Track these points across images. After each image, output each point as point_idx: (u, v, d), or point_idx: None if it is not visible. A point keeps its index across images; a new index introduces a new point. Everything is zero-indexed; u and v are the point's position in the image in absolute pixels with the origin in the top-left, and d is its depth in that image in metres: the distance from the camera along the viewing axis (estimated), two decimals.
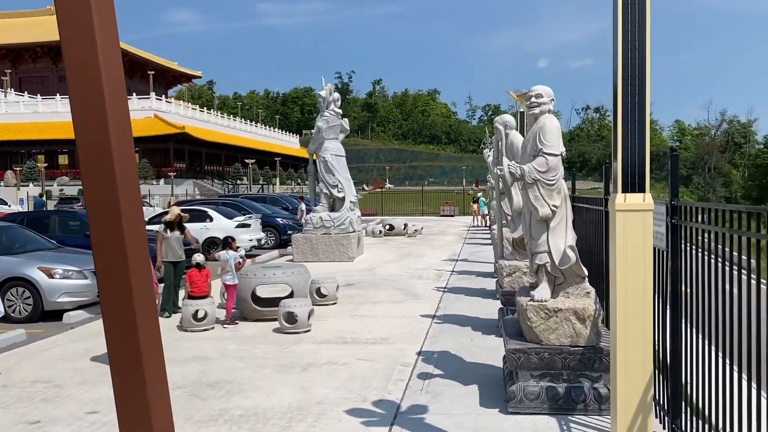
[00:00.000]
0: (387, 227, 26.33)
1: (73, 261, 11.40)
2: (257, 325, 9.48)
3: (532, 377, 5.56)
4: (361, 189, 79.54)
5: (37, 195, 44.29)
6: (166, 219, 10.75)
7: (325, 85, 18.39)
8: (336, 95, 18.65)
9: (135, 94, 69.78)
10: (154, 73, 76.24)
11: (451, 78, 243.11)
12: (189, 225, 18.69)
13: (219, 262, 9.97)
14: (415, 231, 26.10)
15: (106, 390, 6.44)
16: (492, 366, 7.05)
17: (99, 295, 1.48)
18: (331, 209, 18.21)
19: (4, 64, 73.61)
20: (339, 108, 18.70)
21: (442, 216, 42.76)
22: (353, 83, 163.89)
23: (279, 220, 23.12)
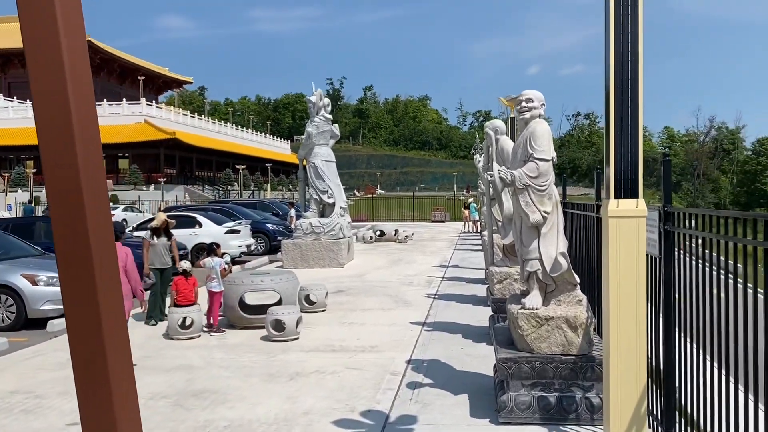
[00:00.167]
0: (378, 233, 26.24)
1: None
2: (245, 333, 9.33)
3: (523, 387, 5.46)
4: (352, 195, 79.49)
5: (25, 201, 43.88)
6: (153, 225, 10.60)
7: (315, 91, 18.29)
8: (326, 101, 18.55)
9: (125, 100, 69.47)
10: (144, 78, 75.90)
11: (442, 84, 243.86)
12: (178, 231, 18.59)
13: (204, 270, 9.82)
14: (406, 237, 26.03)
15: None
16: (482, 375, 6.94)
17: (64, 312, 1.37)
18: (321, 215, 18.10)
19: None
20: (329, 113, 18.61)
21: (433, 222, 42.70)
22: (344, 89, 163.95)
23: (269, 226, 22.96)
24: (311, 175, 18.07)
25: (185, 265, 9.56)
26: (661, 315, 4.48)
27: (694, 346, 3.99)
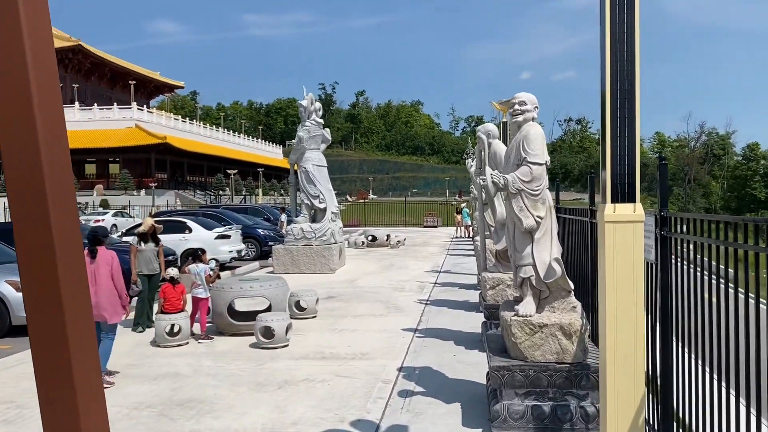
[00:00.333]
0: (370, 238, 26.11)
1: None
2: (233, 340, 9.16)
3: (516, 396, 5.33)
4: (344, 200, 79.36)
5: None
6: (140, 231, 10.42)
7: (307, 95, 18.17)
8: (317, 105, 18.44)
9: (116, 104, 69.13)
10: (135, 83, 75.62)
11: (434, 89, 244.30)
12: (167, 236, 18.38)
13: (189, 276, 9.66)
14: (398, 242, 25.91)
15: None
16: (475, 383, 6.82)
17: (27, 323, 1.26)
18: (313, 220, 17.95)
19: None
20: (321, 118, 18.49)
21: (425, 227, 42.62)
22: (337, 94, 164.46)
23: (260, 231, 22.77)
24: (302, 180, 17.93)
25: (172, 272, 9.39)
26: (657, 323, 4.37)
27: (693, 355, 3.87)
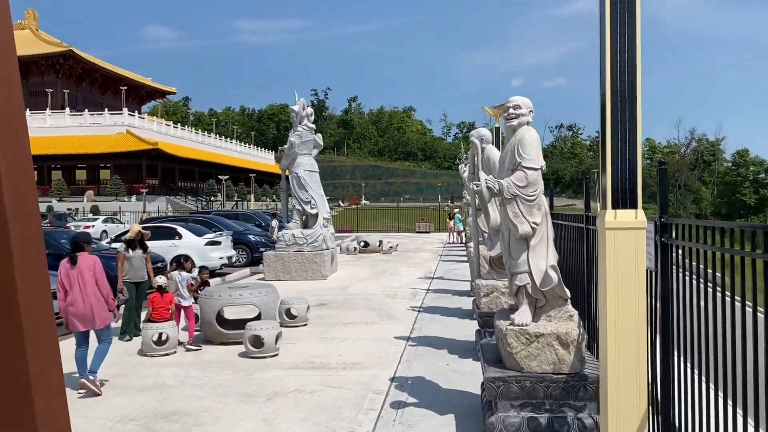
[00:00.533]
0: (362, 244, 25.94)
1: None
2: (222, 349, 8.97)
3: (512, 407, 5.17)
4: (336, 205, 79.15)
5: None
6: (127, 237, 10.22)
7: (298, 100, 18.01)
8: (309, 110, 18.27)
9: (107, 110, 68.75)
10: (127, 88, 75.26)
11: (426, 96, 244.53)
12: (157, 243, 18.15)
13: (171, 283, 9.47)
14: (391, 248, 25.76)
15: None
16: (469, 393, 6.66)
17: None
18: (304, 226, 17.77)
19: None
20: (312, 123, 18.33)
21: (417, 232, 42.51)
22: (329, 100, 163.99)
23: (251, 237, 22.54)
24: (294, 186, 17.75)
25: (161, 281, 9.20)
26: (657, 334, 4.23)
27: (694, 367, 3.73)
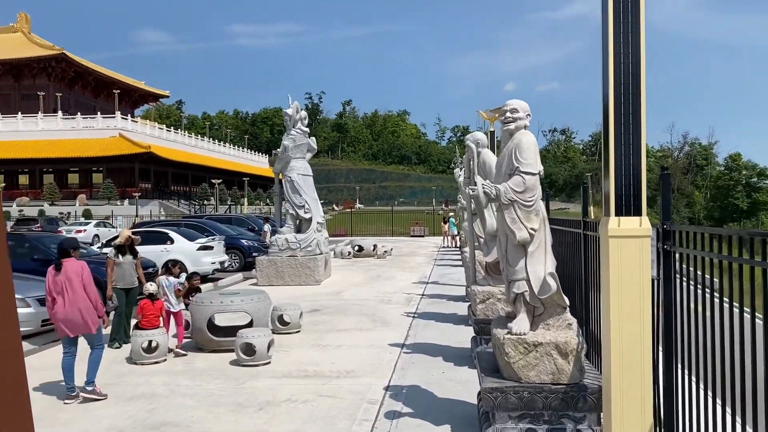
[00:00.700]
0: (356, 248, 25.80)
1: (16, 287, 10.57)
2: (213, 357, 8.80)
3: (510, 419, 5.03)
4: (331, 209, 78.98)
5: None
6: (117, 243, 10.03)
7: (292, 103, 17.87)
8: (303, 113, 18.13)
9: (100, 114, 68.41)
10: (119, 92, 74.93)
11: (420, 99, 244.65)
12: (148, 248, 17.93)
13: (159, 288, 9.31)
14: (385, 252, 25.61)
15: None
16: (465, 402, 6.52)
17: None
18: (298, 230, 17.61)
19: None
20: (306, 126, 18.19)
21: (412, 236, 42.39)
22: (323, 104, 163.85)
23: (244, 241, 22.34)
24: (287, 190, 17.59)
25: (152, 288, 9.02)
26: (659, 345, 4.10)
27: (700, 381, 3.60)
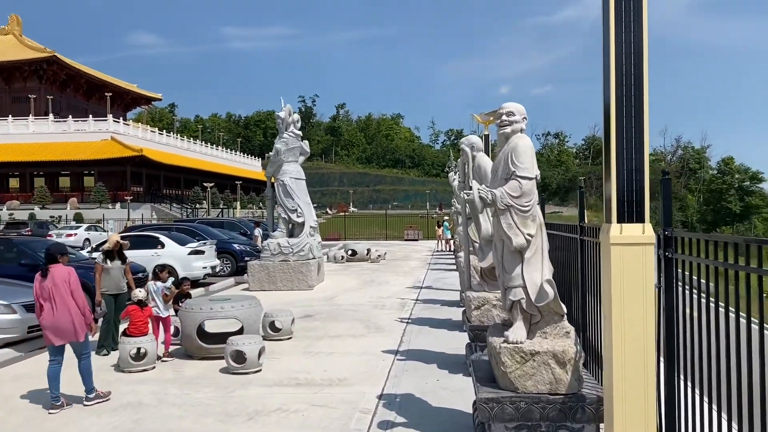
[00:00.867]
0: (349, 252, 25.65)
1: (2, 293, 10.36)
2: (203, 364, 8.62)
3: (506, 429, 4.89)
4: (324, 213, 78.80)
5: None
6: (105, 248, 9.85)
7: (284, 106, 17.71)
8: (296, 116, 17.98)
9: (91, 116, 68.01)
10: (111, 95, 74.49)
11: (414, 103, 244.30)
12: (139, 252, 17.73)
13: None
14: (379, 256, 25.48)
15: None
16: (460, 411, 6.37)
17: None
18: (290, 235, 17.44)
19: None
20: (299, 130, 18.03)
21: (405, 240, 42.29)
22: (317, 107, 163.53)
23: (236, 246, 22.14)
24: (280, 193, 17.43)
25: (140, 294, 8.85)
26: (660, 356, 3.97)
27: (703, 394, 3.47)
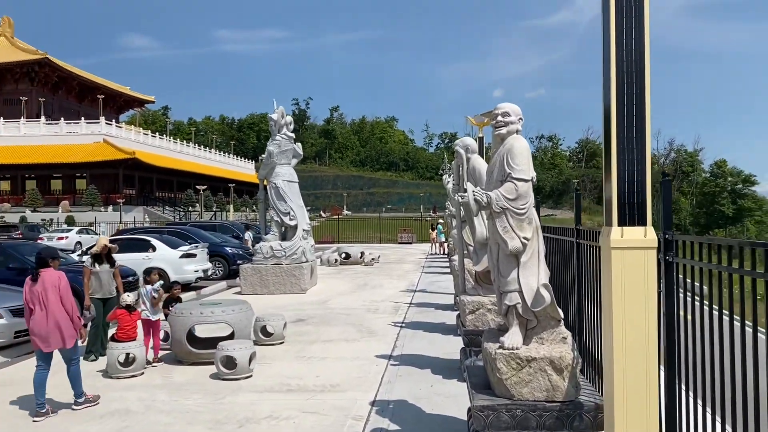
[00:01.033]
0: (343, 255, 25.50)
1: None
2: (192, 370, 8.46)
3: None
4: (318, 216, 78.60)
5: None
6: (93, 251, 9.68)
7: (277, 108, 17.56)
8: (288, 118, 17.84)
9: (84, 119, 67.62)
10: (104, 97, 74.15)
11: (408, 106, 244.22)
12: (130, 256, 17.52)
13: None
14: (372, 259, 25.34)
15: None
16: (455, 418, 6.24)
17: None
18: (283, 238, 17.29)
19: None
20: (292, 132, 17.89)
21: (399, 243, 42.20)
22: (311, 110, 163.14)
23: (228, 249, 21.96)
24: (272, 196, 17.28)
25: (129, 299, 8.69)
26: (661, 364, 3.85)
27: (705, 404, 3.35)
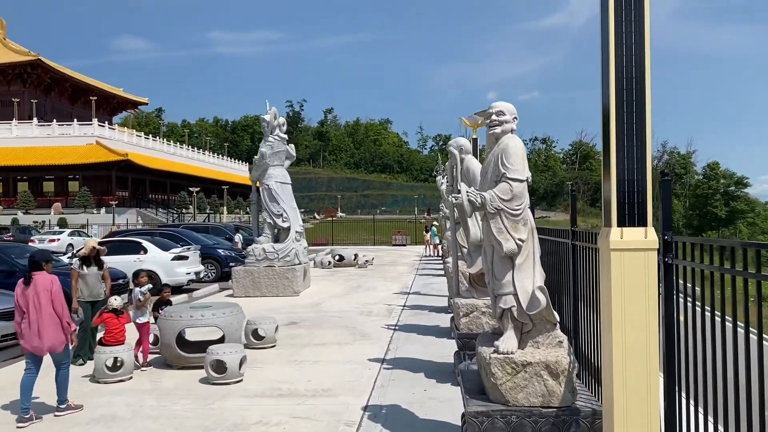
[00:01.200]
0: (337, 258, 25.37)
1: None
2: (182, 374, 8.31)
3: None
4: (312, 218, 78.46)
5: None
6: (81, 253, 9.52)
7: (270, 109, 17.42)
8: (281, 120, 17.69)
9: (76, 121, 67.29)
10: (97, 99, 73.86)
11: (402, 108, 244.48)
12: (121, 258, 17.33)
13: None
14: (366, 261, 25.21)
15: None
16: (449, 424, 6.12)
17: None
18: (276, 240, 17.14)
19: None
20: (285, 133, 17.75)
21: (393, 245, 42.08)
22: (305, 112, 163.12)
23: (220, 251, 21.79)
24: (265, 198, 17.13)
25: (116, 303, 8.53)
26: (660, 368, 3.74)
27: (709, 412, 3.24)
